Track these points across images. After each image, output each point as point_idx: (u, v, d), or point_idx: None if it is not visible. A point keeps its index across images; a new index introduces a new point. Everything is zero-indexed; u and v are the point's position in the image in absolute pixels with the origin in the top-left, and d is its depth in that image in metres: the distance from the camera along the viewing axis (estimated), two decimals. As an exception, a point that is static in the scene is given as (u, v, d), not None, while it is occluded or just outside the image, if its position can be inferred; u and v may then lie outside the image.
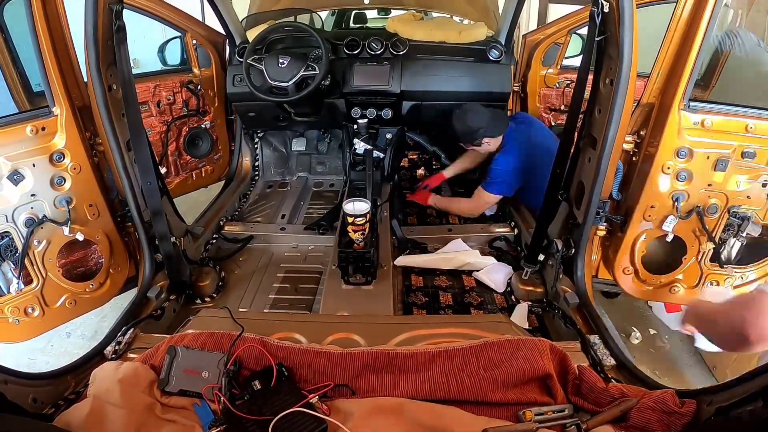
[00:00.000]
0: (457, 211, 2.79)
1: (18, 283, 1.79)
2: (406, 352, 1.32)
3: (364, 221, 1.91)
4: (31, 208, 1.78)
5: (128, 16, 1.75)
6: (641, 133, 1.83)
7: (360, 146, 2.68)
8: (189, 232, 2.26)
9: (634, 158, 1.88)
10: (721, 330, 1.14)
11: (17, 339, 1.89)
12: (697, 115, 1.70)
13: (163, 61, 2.93)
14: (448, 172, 3.03)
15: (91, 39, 1.63)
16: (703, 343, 1.29)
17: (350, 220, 1.90)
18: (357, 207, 1.91)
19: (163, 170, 2.77)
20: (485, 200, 2.64)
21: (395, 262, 2.27)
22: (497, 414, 1.20)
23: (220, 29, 2.96)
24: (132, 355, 1.56)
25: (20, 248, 1.77)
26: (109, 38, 1.68)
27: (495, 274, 2.22)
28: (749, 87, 2.31)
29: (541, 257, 2.09)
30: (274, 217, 2.86)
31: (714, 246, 1.88)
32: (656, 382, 1.37)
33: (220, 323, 1.53)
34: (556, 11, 5.88)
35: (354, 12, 5.54)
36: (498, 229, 2.58)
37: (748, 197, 1.80)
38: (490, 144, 2.57)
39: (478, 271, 2.27)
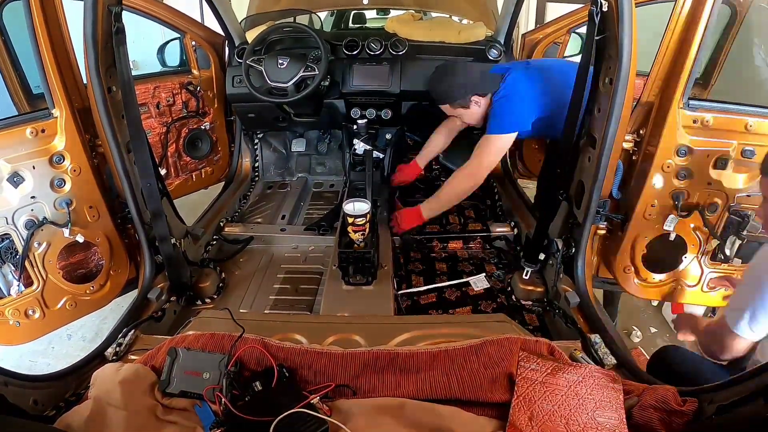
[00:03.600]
0: (458, 195, 2.31)
1: (18, 285, 1.79)
2: (407, 352, 1.32)
3: (364, 221, 1.91)
4: (31, 210, 1.78)
5: (127, 17, 1.75)
6: (641, 132, 1.84)
7: (360, 147, 2.68)
8: (189, 233, 2.26)
9: (633, 157, 1.88)
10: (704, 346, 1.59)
11: (18, 341, 1.89)
12: (696, 113, 1.71)
13: (163, 63, 2.93)
14: (422, 160, 2.72)
15: (91, 41, 1.63)
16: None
17: (350, 220, 1.90)
18: (357, 207, 1.91)
19: (162, 172, 2.77)
20: (496, 148, 2.17)
21: None
22: (498, 414, 1.20)
23: (219, 30, 2.96)
24: (133, 357, 1.56)
25: (20, 250, 1.77)
26: (109, 40, 1.68)
27: None
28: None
29: (542, 257, 2.09)
30: (274, 218, 2.85)
31: (718, 243, 1.88)
32: (657, 381, 1.37)
33: (220, 324, 1.53)
34: (554, 10, 5.89)
35: (353, 12, 5.54)
36: (498, 229, 2.57)
37: (748, 196, 1.80)
38: (480, 105, 2.24)
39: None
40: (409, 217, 2.38)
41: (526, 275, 2.12)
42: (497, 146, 2.19)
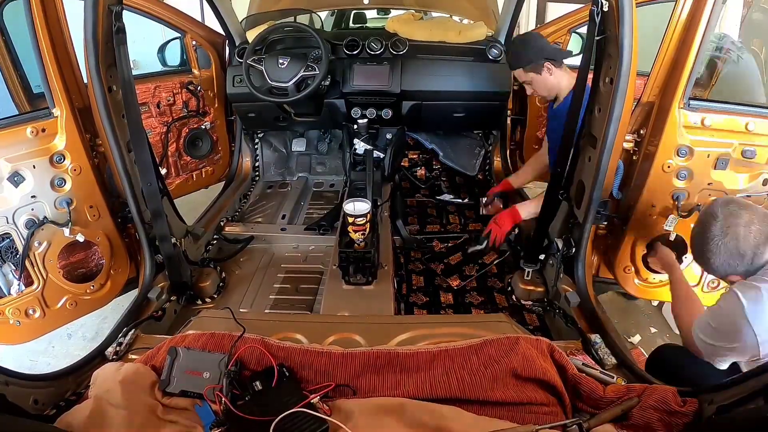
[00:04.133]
0: None
1: (19, 285, 1.79)
2: (407, 351, 1.32)
3: (364, 221, 1.90)
4: (32, 209, 1.78)
5: (128, 17, 1.75)
6: (641, 132, 1.83)
7: (360, 146, 2.68)
8: (189, 232, 2.26)
9: (634, 157, 1.88)
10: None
11: (18, 340, 1.89)
12: (697, 113, 1.70)
13: (163, 62, 2.93)
14: (515, 181, 2.72)
15: (91, 40, 1.63)
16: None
17: (350, 220, 1.90)
18: (357, 207, 1.91)
19: (163, 171, 2.77)
20: None
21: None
22: (498, 414, 1.20)
23: (219, 30, 2.96)
24: (133, 356, 1.56)
25: (21, 250, 1.77)
26: (109, 39, 1.68)
27: None
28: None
29: (541, 257, 2.10)
30: (274, 217, 2.86)
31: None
32: (657, 381, 1.37)
33: (220, 324, 1.53)
34: (554, 10, 5.88)
35: (353, 12, 5.54)
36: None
37: (748, 196, 1.80)
38: (552, 73, 2.21)
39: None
40: (509, 217, 2.28)
41: (527, 276, 2.12)
42: None
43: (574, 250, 1.88)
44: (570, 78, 2.19)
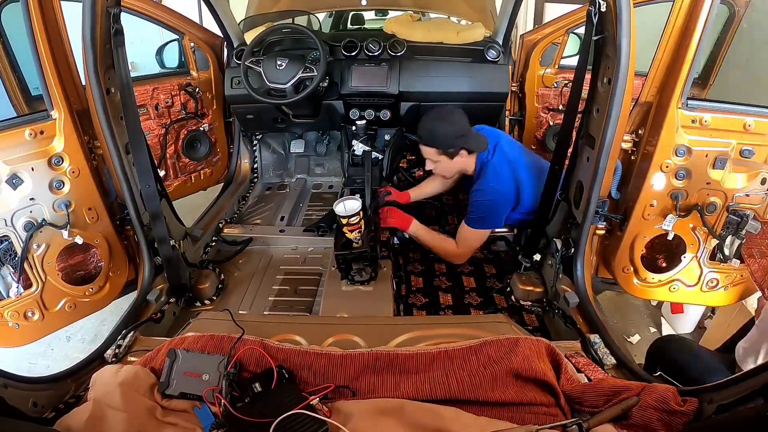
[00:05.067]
0: (440, 251, 2.34)
1: (17, 287, 1.78)
2: (406, 352, 1.32)
3: (358, 219, 1.88)
4: (30, 212, 1.78)
5: (126, 19, 1.75)
6: (639, 132, 1.84)
7: (359, 147, 2.68)
8: (188, 234, 2.26)
9: (632, 157, 1.88)
10: None
11: (17, 343, 1.88)
12: (695, 113, 1.71)
13: (161, 64, 2.93)
14: (414, 194, 2.64)
15: (89, 42, 1.63)
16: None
17: (344, 221, 1.88)
18: (348, 207, 1.89)
19: (161, 173, 2.77)
20: (476, 240, 2.27)
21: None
22: (498, 414, 1.20)
23: (217, 32, 2.96)
24: (132, 359, 1.56)
25: (19, 252, 1.77)
26: (107, 42, 1.69)
27: None
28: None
29: (537, 257, 2.10)
30: (273, 219, 2.86)
31: (717, 242, 1.88)
32: (656, 380, 1.37)
33: (220, 326, 1.53)
34: (552, 11, 5.89)
35: (351, 13, 5.54)
36: (497, 230, 2.57)
37: (747, 195, 1.80)
38: (463, 158, 2.18)
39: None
40: (399, 219, 2.31)
41: (523, 269, 2.13)
42: (477, 238, 2.26)
43: (573, 250, 1.88)
44: (471, 161, 2.20)
